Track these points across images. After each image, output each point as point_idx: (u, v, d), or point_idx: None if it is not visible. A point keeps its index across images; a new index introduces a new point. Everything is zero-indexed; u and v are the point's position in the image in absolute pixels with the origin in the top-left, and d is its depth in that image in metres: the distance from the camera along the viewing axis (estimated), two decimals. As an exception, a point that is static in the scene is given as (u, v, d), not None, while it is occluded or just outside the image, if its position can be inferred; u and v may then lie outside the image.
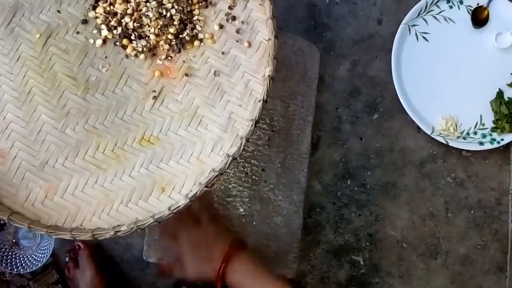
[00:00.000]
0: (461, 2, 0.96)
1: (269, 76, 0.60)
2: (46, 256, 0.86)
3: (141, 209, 0.62)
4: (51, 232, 0.59)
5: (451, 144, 0.92)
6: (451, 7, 0.95)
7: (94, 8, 0.64)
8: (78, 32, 0.64)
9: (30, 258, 0.87)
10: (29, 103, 0.63)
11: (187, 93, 0.64)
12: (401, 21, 0.93)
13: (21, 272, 0.85)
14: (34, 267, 0.85)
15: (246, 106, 0.63)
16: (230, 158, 0.59)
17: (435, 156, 0.97)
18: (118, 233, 0.59)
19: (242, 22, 0.64)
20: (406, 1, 0.96)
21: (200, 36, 0.64)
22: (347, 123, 0.94)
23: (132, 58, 0.64)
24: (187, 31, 0.64)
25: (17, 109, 0.63)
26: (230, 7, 0.64)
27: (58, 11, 0.64)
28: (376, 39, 0.96)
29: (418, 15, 0.94)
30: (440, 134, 0.93)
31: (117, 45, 0.64)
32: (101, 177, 0.62)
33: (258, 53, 0.64)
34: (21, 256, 0.88)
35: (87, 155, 0.63)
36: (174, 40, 0.64)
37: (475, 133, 0.94)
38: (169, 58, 0.64)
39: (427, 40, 0.95)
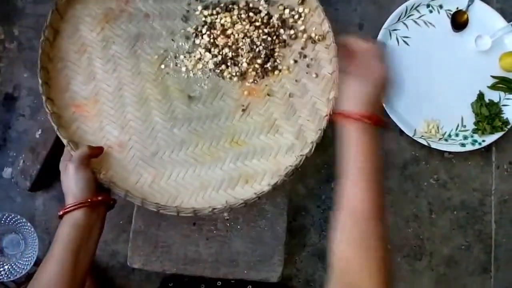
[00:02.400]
0: (441, 7, 0.98)
1: (334, 97, 0.80)
2: (30, 264, 0.84)
3: (229, 196, 0.77)
4: (159, 207, 0.74)
5: (433, 146, 0.92)
6: (431, 11, 0.97)
7: (200, 38, 0.84)
8: (185, 57, 0.83)
9: (14, 266, 0.85)
10: (146, 107, 0.80)
11: (268, 108, 0.82)
12: (382, 26, 0.95)
13: (5, 280, 0.84)
14: (18, 275, 0.83)
15: (313, 120, 0.82)
16: (304, 156, 0.77)
17: (418, 158, 0.97)
18: (215, 210, 0.74)
19: (311, 59, 0.85)
20: (386, 7, 0.98)
21: (280, 67, 0.84)
22: (329, 128, 0.90)
23: (228, 80, 0.83)
24: (270, 63, 0.84)
25: (136, 111, 0.79)
26: (302, 48, 0.85)
27: (172, 40, 0.83)
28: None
29: (399, 19, 0.95)
30: (422, 136, 0.93)
31: (216, 70, 0.83)
32: (198, 168, 0.78)
33: (323, 82, 0.84)
34: (4, 264, 0.86)
35: (188, 150, 0.79)
36: (260, 68, 0.83)
37: (457, 135, 0.95)
38: (255, 81, 0.83)
39: (407, 44, 0.96)
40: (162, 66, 0.82)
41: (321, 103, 0.83)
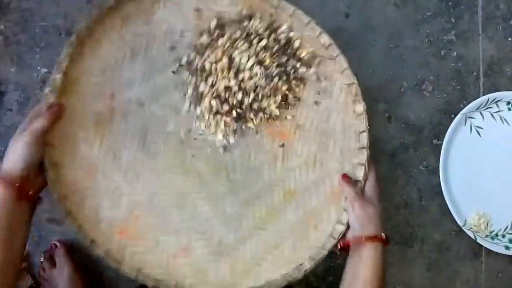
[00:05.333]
0: None
1: (363, 110, 0.77)
2: None
3: (310, 248, 0.76)
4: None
5: (479, 241, 0.94)
6: (509, 109, 0.98)
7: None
8: (201, 134, 0.76)
9: None
10: (189, 203, 0.74)
11: (303, 146, 0.78)
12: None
13: None
14: None
15: (350, 138, 0.79)
16: (363, 182, 0.76)
17: (407, 145, 0.97)
18: (306, 271, 0.73)
19: (324, 78, 0.80)
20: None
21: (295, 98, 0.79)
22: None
23: (253, 132, 0.77)
24: (290, 96, 0.79)
25: (181, 212, 0.73)
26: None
27: (179, 119, 0.75)
28: (343, 33, 0.97)
29: (477, 108, 0.97)
30: (471, 229, 0.95)
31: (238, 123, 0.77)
32: (266, 236, 0.75)
33: (342, 96, 0.80)
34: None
35: (249, 223, 0.75)
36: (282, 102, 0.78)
37: (503, 236, 0.96)
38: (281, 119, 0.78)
39: (479, 135, 0.98)
40: (184, 150, 0.75)
41: (350, 118, 0.80)
